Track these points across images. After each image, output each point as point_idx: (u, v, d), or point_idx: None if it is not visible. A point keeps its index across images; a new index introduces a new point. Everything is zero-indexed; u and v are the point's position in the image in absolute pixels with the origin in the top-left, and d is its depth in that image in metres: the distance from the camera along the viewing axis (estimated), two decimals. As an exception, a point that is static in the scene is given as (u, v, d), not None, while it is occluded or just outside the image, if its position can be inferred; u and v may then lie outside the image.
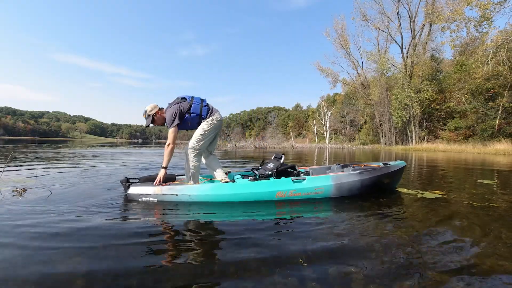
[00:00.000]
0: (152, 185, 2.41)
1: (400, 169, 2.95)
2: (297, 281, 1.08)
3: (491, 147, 17.07)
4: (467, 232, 1.70)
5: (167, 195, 2.34)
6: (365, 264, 1.24)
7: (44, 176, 3.70)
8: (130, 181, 2.51)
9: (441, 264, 1.24)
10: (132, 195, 2.40)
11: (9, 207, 2.09)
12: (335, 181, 2.53)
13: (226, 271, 1.16)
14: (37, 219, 1.80)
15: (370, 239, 1.56)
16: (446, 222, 1.89)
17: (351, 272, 1.16)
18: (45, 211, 1.98)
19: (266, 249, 1.39)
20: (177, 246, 1.45)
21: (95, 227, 1.67)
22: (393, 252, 1.38)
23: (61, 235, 1.53)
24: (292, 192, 2.42)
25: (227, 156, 9.72)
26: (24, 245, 1.39)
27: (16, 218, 1.81)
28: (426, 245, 1.48)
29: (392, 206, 2.33)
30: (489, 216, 2.09)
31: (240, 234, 1.60)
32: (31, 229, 1.61)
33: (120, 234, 1.57)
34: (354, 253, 1.37)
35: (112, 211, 2.04)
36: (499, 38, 16.25)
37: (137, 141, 47.69)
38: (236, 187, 2.40)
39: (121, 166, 5.39)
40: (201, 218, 1.95)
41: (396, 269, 1.19)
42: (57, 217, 1.84)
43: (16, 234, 1.53)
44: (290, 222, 1.89)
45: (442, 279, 1.11)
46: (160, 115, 2.57)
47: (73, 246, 1.39)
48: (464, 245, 1.48)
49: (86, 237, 1.51)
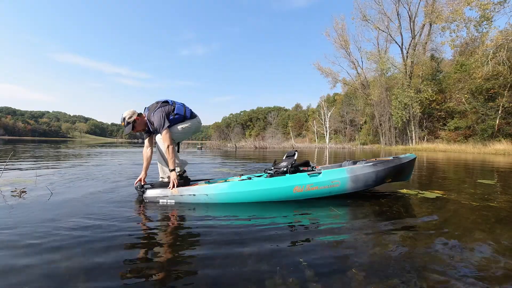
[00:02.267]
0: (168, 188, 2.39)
1: (411, 160, 2.93)
2: (297, 281, 1.08)
3: (491, 147, 17.06)
4: (467, 232, 1.70)
5: (184, 195, 2.33)
6: (365, 264, 1.24)
7: (44, 176, 3.70)
8: (145, 186, 2.48)
9: (441, 264, 1.24)
10: (149, 198, 2.37)
11: (9, 207, 2.09)
12: (351, 173, 2.52)
13: (226, 271, 1.16)
14: (37, 219, 1.80)
15: (370, 239, 1.56)
16: (446, 222, 1.89)
17: (351, 272, 1.16)
18: (45, 212, 1.98)
19: (266, 249, 1.39)
20: (177, 246, 1.45)
21: (95, 228, 1.67)
22: (393, 252, 1.38)
23: (61, 235, 1.52)
24: (309, 186, 2.41)
25: (227, 156, 9.72)
26: (24, 245, 1.38)
27: (15, 219, 1.81)
28: (426, 245, 1.48)
29: (392, 206, 2.33)
30: (489, 216, 2.08)
31: (240, 234, 1.60)
32: (31, 229, 1.61)
33: (120, 234, 1.57)
34: (354, 253, 1.36)
35: (113, 212, 2.03)
36: (499, 38, 16.26)
37: (137, 141, 47.80)
38: (254, 184, 2.39)
39: (121, 166, 5.39)
40: (206, 218, 1.94)
41: (396, 269, 1.19)
42: (57, 218, 1.84)
43: (16, 235, 1.53)
44: (291, 222, 1.89)
45: (442, 279, 1.11)
46: (141, 121, 2.49)
47: (73, 247, 1.38)
48: (464, 245, 1.48)
49: (86, 237, 1.51)
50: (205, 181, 2.84)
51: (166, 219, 1.93)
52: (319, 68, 32.90)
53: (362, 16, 27.90)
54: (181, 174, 2.60)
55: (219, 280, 1.09)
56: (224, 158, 8.54)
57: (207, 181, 2.84)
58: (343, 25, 30.70)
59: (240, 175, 2.98)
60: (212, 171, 4.69)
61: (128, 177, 3.79)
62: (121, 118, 2.44)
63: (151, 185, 2.52)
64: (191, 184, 2.71)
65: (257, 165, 6.30)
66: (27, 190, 2.66)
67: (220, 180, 2.88)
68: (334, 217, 2.00)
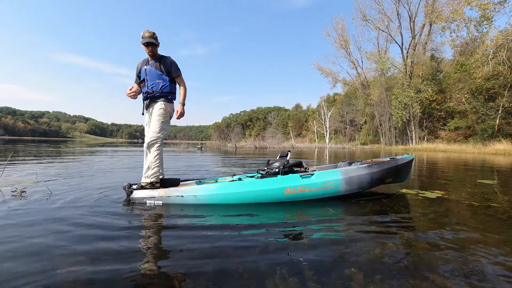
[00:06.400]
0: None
1: (408, 162, 2.90)
2: (297, 281, 1.08)
3: (491, 147, 17.06)
4: (467, 232, 1.70)
5: (172, 197, 2.29)
6: (365, 264, 1.24)
7: (44, 176, 3.70)
8: (133, 187, 2.43)
9: (441, 264, 1.24)
10: (136, 199, 2.34)
11: (8, 207, 2.09)
12: (344, 175, 2.48)
13: (226, 271, 1.16)
14: (36, 220, 1.80)
15: (371, 239, 1.56)
16: (447, 222, 1.89)
17: (351, 272, 1.16)
18: (44, 212, 1.98)
19: (266, 249, 1.39)
20: (177, 246, 1.44)
21: (95, 227, 1.67)
22: (393, 252, 1.38)
23: (60, 236, 1.52)
24: (301, 188, 2.35)
25: (227, 156, 9.72)
26: (24, 245, 1.39)
27: (14, 219, 1.81)
28: (426, 245, 1.48)
29: (392, 206, 2.33)
30: (489, 216, 2.08)
31: (239, 235, 1.60)
32: (30, 230, 1.61)
33: (120, 235, 1.57)
34: (354, 253, 1.36)
35: (113, 212, 2.03)
36: (499, 38, 16.26)
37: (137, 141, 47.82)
38: (244, 185, 2.32)
39: (121, 166, 5.39)
40: (202, 219, 1.94)
41: (396, 269, 1.19)
42: (57, 218, 1.84)
43: (15, 235, 1.53)
44: (290, 222, 1.89)
45: (442, 279, 1.11)
46: (157, 48, 2.56)
47: (73, 247, 1.38)
48: (465, 246, 1.47)
49: (86, 238, 1.51)
50: (196, 181, 2.79)
51: (165, 220, 1.92)
52: (319, 68, 32.96)
53: (362, 16, 27.96)
54: (157, 176, 2.50)
55: (219, 280, 1.09)
56: (224, 158, 8.54)
57: (198, 181, 2.78)
58: (343, 25, 30.77)
59: (232, 174, 2.95)
60: (211, 171, 4.70)
61: (128, 177, 3.78)
62: (150, 30, 2.46)
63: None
64: (181, 183, 2.66)
65: (257, 164, 6.29)
66: (27, 190, 2.66)
67: (211, 180, 2.85)
68: (334, 217, 1.99)
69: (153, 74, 2.52)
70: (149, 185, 2.42)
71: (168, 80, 2.55)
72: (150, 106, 2.56)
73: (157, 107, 2.51)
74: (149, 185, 2.42)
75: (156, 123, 2.47)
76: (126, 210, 2.10)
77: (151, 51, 2.49)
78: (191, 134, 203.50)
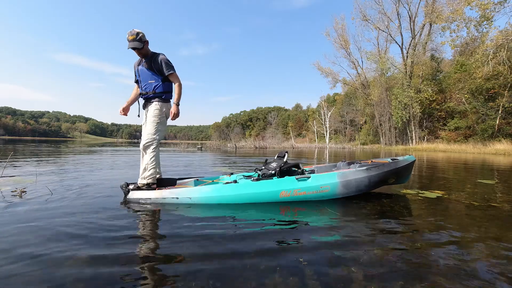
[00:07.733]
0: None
1: (409, 164, 2.82)
2: (297, 281, 1.08)
3: (491, 147, 17.06)
4: (467, 232, 1.70)
5: (167, 198, 2.30)
6: (365, 264, 1.24)
7: (44, 176, 3.70)
8: (130, 186, 2.43)
9: (441, 264, 1.24)
10: (132, 199, 2.35)
11: (8, 207, 2.08)
12: (342, 178, 2.43)
13: (226, 271, 1.16)
14: (36, 220, 1.80)
15: (371, 239, 1.56)
16: (447, 222, 1.89)
17: (351, 272, 1.16)
18: (44, 212, 1.98)
19: (266, 249, 1.39)
20: (176, 246, 1.44)
21: (94, 227, 1.66)
22: (393, 252, 1.38)
23: (60, 237, 1.52)
24: (297, 191, 2.33)
25: (227, 156, 9.71)
26: (24, 245, 1.38)
27: (14, 219, 1.81)
28: (426, 245, 1.48)
29: (392, 206, 2.33)
30: (490, 216, 2.08)
31: (239, 235, 1.60)
32: (30, 230, 1.61)
33: (120, 235, 1.57)
34: (355, 253, 1.36)
35: (112, 212, 2.03)
36: (499, 38, 16.24)
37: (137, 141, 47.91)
38: (238, 188, 2.33)
39: (121, 165, 5.39)
40: (199, 220, 1.94)
41: (396, 269, 1.19)
42: (57, 217, 1.84)
43: (15, 235, 1.53)
44: (290, 222, 1.89)
45: (442, 279, 1.11)
46: (147, 47, 2.43)
47: (73, 247, 1.38)
48: (465, 245, 1.47)
49: (87, 238, 1.51)
50: (194, 179, 2.80)
51: (166, 219, 1.92)
52: (319, 68, 32.93)
53: (362, 16, 27.95)
54: (154, 177, 2.50)
55: (219, 280, 1.09)
56: (224, 158, 8.54)
57: (195, 179, 2.79)
58: (343, 25, 30.75)
59: (230, 173, 2.93)
60: (211, 170, 4.70)
61: (128, 177, 3.78)
62: (133, 31, 2.30)
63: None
64: (178, 182, 2.67)
65: (257, 164, 6.29)
66: (27, 190, 2.66)
67: (208, 179, 2.85)
68: (334, 217, 1.99)
69: (145, 75, 2.48)
70: (145, 186, 2.42)
71: (161, 79, 2.47)
72: (146, 106, 2.55)
73: (152, 108, 2.48)
74: (146, 186, 2.42)
75: (151, 124, 2.45)
76: (124, 211, 2.10)
77: (139, 53, 2.43)
78: (191, 134, 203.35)
